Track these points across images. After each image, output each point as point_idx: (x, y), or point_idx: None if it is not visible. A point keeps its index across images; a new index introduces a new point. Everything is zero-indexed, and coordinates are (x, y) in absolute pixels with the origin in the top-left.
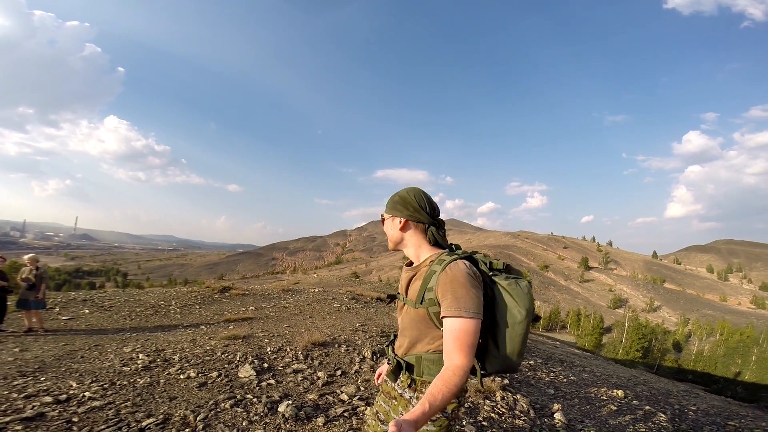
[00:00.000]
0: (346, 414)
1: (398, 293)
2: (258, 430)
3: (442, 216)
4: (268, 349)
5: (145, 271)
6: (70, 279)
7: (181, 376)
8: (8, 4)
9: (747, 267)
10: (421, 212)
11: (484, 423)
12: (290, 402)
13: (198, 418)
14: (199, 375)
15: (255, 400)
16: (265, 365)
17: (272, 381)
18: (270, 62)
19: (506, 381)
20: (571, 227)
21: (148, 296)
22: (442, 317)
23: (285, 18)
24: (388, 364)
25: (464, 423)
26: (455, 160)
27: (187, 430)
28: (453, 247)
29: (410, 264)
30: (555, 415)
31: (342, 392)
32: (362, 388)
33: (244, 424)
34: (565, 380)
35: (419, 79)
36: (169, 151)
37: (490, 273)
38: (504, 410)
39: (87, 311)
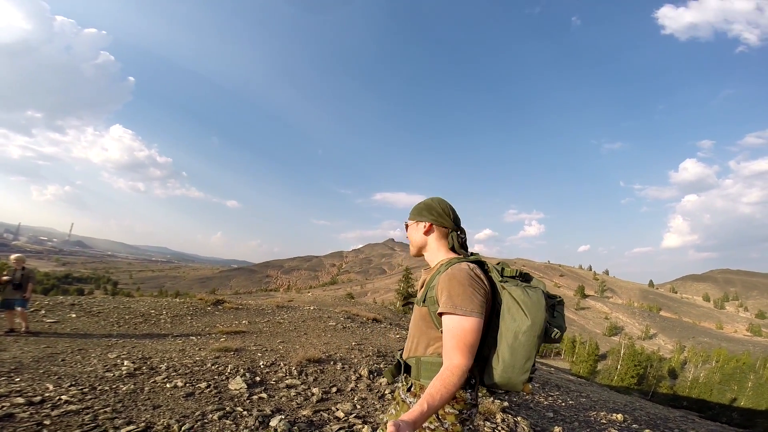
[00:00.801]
0: None
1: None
2: None
3: None
4: (261, 363)
5: (137, 281)
6: (58, 284)
7: (168, 385)
8: (34, 9)
9: (743, 296)
10: (445, 217)
11: None
12: (283, 417)
13: (183, 428)
14: (187, 385)
15: (245, 413)
16: (257, 379)
17: (264, 395)
18: (276, 80)
19: (506, 403)
20: (567, 256)
21: (139, 304)
22: (438, 313)
23: (293, 38)
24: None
25: None
26: (454, 186)
27: None
28: (471, 254)
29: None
30: None
31: (338, 409)
32: (359, 406)
33: None
34: (563, 404)
35: (419, 102)
36: (171, 163)
37: (501, 280)
38: None
39: (74, 315)
